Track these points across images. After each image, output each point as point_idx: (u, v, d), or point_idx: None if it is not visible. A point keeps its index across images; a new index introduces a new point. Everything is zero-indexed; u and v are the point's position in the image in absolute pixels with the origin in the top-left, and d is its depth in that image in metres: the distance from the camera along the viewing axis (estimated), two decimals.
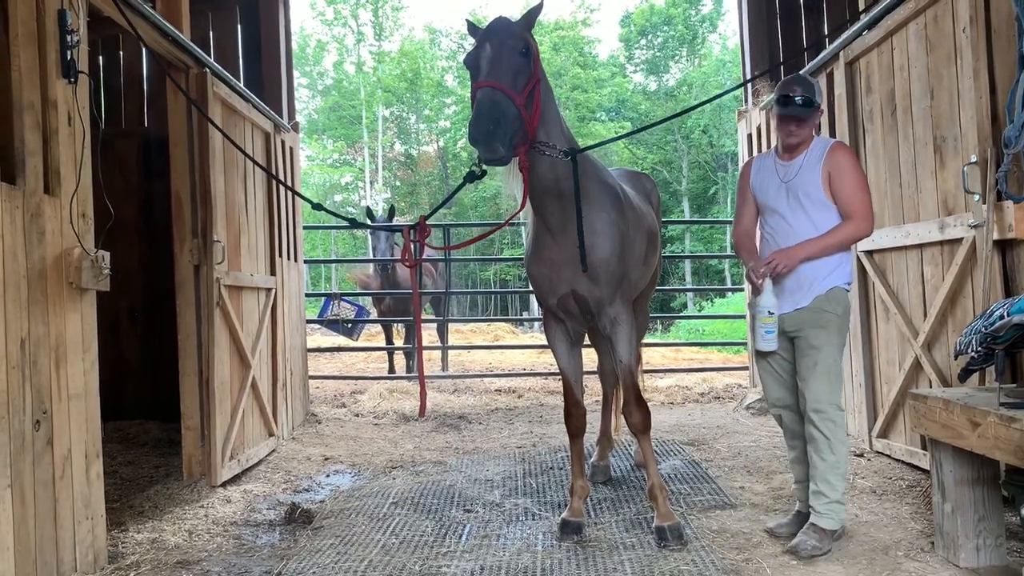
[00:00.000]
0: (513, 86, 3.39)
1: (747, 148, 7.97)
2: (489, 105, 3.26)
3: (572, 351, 4.23)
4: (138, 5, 4.28)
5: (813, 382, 3.59)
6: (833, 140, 3.79)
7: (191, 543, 4.04)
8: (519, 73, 3.45)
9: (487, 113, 3.24)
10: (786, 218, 3.71)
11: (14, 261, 3.10)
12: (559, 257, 3.87)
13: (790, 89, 3.66)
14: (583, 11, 41.00)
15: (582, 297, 3.91)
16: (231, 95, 5.53)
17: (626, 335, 3.98)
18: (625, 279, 4.02)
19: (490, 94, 3.30)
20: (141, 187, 7.50)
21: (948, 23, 4.26)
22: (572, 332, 4.20)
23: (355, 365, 12.31)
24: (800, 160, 3.72)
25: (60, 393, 3.40)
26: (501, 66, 3.39)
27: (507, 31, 3.52)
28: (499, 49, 3.44)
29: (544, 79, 3.68)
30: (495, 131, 3.22)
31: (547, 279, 3.97)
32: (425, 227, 3.89)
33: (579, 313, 4.03)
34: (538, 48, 3.66)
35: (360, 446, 6.45)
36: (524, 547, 3.85)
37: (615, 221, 3.94)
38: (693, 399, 8.35)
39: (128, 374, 7.42)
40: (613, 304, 3.93)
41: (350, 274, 10.14)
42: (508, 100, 3.33)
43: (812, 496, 3.65)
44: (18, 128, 3.26)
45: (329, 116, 40.11)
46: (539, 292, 4.07)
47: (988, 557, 3.32)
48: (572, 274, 3.88)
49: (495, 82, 3.33)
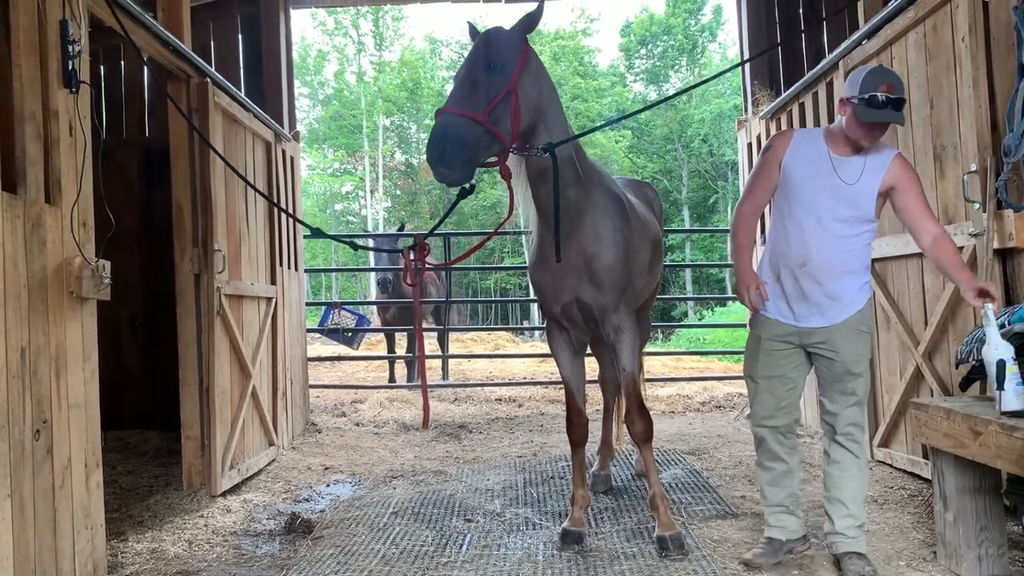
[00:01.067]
0: (474, 107, 3.40)
1: (747, 157, 7.98)
2: (440, 132, 3.33)
3: (575, 360, 4.22)
4: (139, 15, 4.30)
5: (849, 408, 3.42)
6: (893, 149, 3.44)
7: (191, 553, 4.03)
8: (488, 90, 3.45)
9: (436, 139, 3.31)
10: (824, 224, 3.33)
11: (15, 270, 3.10)
12: (563, 263, 3.87)
13: (883, 87, 3.18)
14: (583, 21, 41.13)
15: (586, 305, 3.91)
16: (232, 104, 5.54)
17: (630, 344, 3.97)
18: (629, 287, 4.01)
19: (443, 121, 3.36)
20: (142, 196, 7.52)
21: (947, 32, 4.28)
22: (575, 341, 4.19)
23: (355, 374, 12.29)
24: (862, 162, 3.32)
25: (60, 402, 3.39)
26: (464, 88, 3.45)
27: (481, 44, 3.56)
28: (469, 68, 3.51)
29: (533, 80, 3.64)
30: (443, 156, 3.29)
31: (551, 286, 3.97)
32: (424, 246, 3.91)
33: (582, 321, 4.02)
34: (526, 50, 3.63)
35: (360, 455, 6.43)
36: (525, 557, 3.84)
37: (619, 228, 3.94)
38: (694, 408, 8.34)
39: (128, 383, 7.42)
40: (617, 312, 3.93)
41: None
42: (469, 122, 3.35)
43: (838, 520, 3.44)
44: (19, 137, 3.26)
45: (330, 125, 40.17)
46: (543, 299, 4.06)
47: (990, 567, 3.31)
48: (576, 281, 3.88)
49: (452, 108, 3.39)
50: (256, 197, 6.02)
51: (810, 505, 4.41)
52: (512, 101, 3.54)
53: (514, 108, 3.53)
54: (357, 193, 41.20)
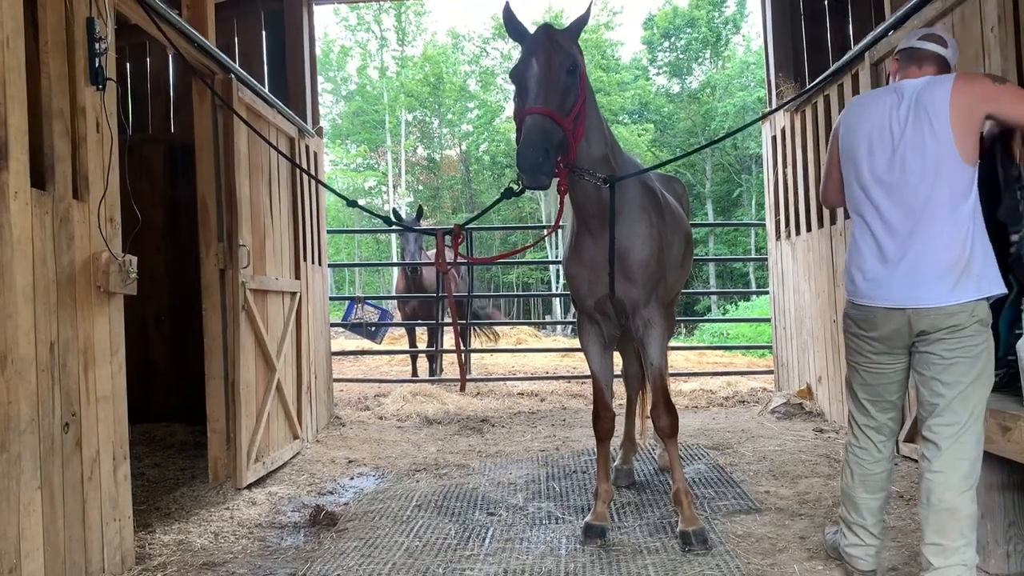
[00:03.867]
0: (560, 109, 3.29)
1: (771, 150, 7.92)
2: (539, 134, 3.17)
3: (604, 354, 4.21)
4: (165, 12, 4.33)
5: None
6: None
7: (217, 545, 4.07)
8: (567, 94, 3.35)
9: (536, 143, 3.15)
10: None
11: (43, 265, 3.15)
12: (600, 259, 3.84)
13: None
14: (606, 14, 40.96)
15: (619, 299, 3.90)
16: (256, 100, 5.58)
17: (658, 339, 3.96)
18: (662, 281, 4.01)
19: (539, 122, 3.20)
20: (167, 192, 7.60)
21: (976, 23, 4.21)
22: (607, 335, 4.18)
23: (379, 368, 12.36)
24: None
25: (88, 396, 3.44)
26: (550, 88, 3.28)
27: (555, 45, 3.38)
28: (547, 68, 3.31)
29: (590, 93, 3.62)
30: (544, 163, 3.15)
31: (586, 280, 3.95)
32: (459, 233, 3.91)
33: (614, 315, 4.02)
34: (584, 61, 3.56)
35: (384, 449, 6.47)
36: (547, 551, 3.85)
37: (654, 223, 3.93)
38: (717, 403, 8.30)
39: (155, 377, 7.51)
40: (648, 306, 3.92)
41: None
42: (555, 126, 3.25)
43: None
44: (47, 134, 3.31)
45: (352, 121, 40.36)
46: (577, 293, 4.05)
47: (1018, 563, 3.27)
48: (611, 276, 3.87)
49: (544, 108, 3.23)
50: (280, 192, 6.06)
51: (835, 502, 4.39)
52: (583, 112, 3.46)
53: (582, 118, 3.46)
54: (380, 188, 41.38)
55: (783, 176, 7.55)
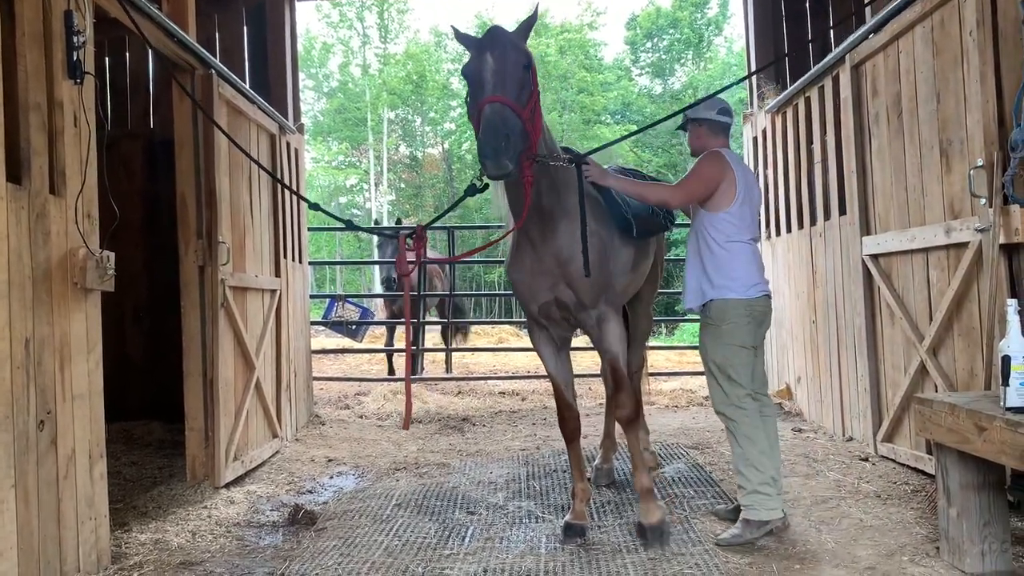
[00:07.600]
0: (518, 100, 3.38)
1: (752, 151, 7.97)
2: (499, 120, 3.23)
3: (559, 355, 4.23)
4: (144, 6, 4.29)
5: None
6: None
7: (194, 544, 4.04)
8: (523, 88, 3.43)
9: (498, 128, 3.21)
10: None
11: (19, 261, 3.10)
12: (538, 266, 3.89)
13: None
14: (589, 14, 40.97)
15: (564, 304, 3.92)
16: (236, 97, 5.54)
17: (614, 329, 3.97)
18: (609, 288, 4.01)
19: (499, 109, 3.27)
20: (146, 188, 7.53)
21: (955, 26, 4.25)
22: (557, 337, 4.21)
23: (359, 367, 12.31)
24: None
25: (64, 393, 3.40)
26: (506, 80, 3.36)
27: (509, 43, 3.48)
28: (503, 62, 3.40)
29: (538, 91, 3.66)
30: (506, 147, 3.21)
31: (527, 286, 3.98)
32: (423, 235, 3.91)
33: (561, 319, 4.04)
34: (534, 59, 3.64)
35: (364, 448, 6.44)
36: (527, 550, 3.85)
37: (594, 231, 3.91)
38: (697, 402, 8.33)
39: (132, 375, 7.44)
40: (597, 307, 3.93)
41: None
42: (514, 116, 3.32)
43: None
44: (24, 128, 3.26)
45: (334, 118, 40.12)
46: (521, 299, 4.09)
47: (994, 562, 3.30)
48: (553, 282, 3.89)
49: (502, 97, 3.30)
50: (260, 190, 6.02)
51: (813, 501, 4.42)
52: (538, 106, 3.54)
53: (538, 113, 3.54)
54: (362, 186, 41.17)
55: (764, 177, 7.59)
